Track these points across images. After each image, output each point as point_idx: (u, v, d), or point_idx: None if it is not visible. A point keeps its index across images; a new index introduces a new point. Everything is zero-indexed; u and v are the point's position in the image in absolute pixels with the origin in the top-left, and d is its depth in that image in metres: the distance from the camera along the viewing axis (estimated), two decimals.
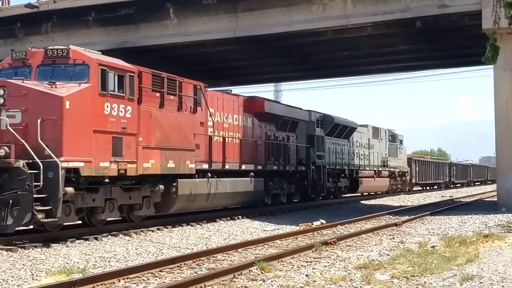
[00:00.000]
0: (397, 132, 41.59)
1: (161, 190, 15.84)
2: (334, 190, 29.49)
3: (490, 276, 8.69)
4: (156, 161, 15.32)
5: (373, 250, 12.09)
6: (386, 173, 37.65)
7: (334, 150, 29.35)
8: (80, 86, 13.21)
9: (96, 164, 13.35)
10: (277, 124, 23.00)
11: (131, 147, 14.43)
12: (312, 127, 26.88)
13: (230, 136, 19.53)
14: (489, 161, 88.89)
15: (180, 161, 16.25)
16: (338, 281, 8.60)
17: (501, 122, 21.52)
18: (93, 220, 14.33)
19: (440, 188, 52.58)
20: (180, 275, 9.44)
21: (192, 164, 16.78)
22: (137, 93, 14.73)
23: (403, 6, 22.58)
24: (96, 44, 25.38)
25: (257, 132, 21.63)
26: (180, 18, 25.04)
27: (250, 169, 20.32)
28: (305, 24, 23.73)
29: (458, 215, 20.28)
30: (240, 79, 36.02)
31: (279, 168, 22.76)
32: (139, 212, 15.54)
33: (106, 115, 13.71)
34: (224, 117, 19.47)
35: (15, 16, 25.97)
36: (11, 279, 9.11)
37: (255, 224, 17.93)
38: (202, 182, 17.49)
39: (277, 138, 23.07)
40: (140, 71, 14.94)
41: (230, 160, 19.23)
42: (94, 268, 10.19)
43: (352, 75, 39.61)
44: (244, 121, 20.68)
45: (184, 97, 16.66)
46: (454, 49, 29.47)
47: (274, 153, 22.51)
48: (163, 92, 15.74)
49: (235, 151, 19.63)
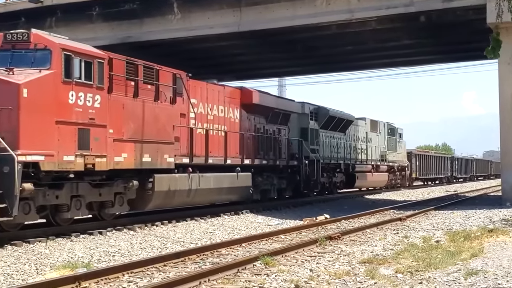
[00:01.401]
0: (396, 126, 40.31)
1: (135, 186, 14.62)
2: (328, 185, 28.28)
3: (495, 271, 8.67)
4: (130, 154, 14.21)
5: (377, 244, 12.09)
6: (385, 167, 36.40)
7: (329, 143, 28.17)
8: (41, 72, 12.11)
9: (59, 158, 12.21)
10: (267, 116, 21.87)
11: (100, 139, 13.27)
12: (305, 120, 25.82)
13: (214, 129, 18.26)
14: (492, 156, 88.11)
15: (157, 155, 15.16)
16: (342, 276, 8.60)
17: (505, 116, 21.48)
18: (58, 219, 13.17)
19: (442, 183, 51.59)
20: (184, 269, 9.46)
21: (170, 158, 15.68)
22: (107, 81, 13.57)
23: (407, 1, 22.54)
24: (100, 39, 25.43)
25: (245, 124, 20.32)
26: (184, 12, 25.04)
27: (236, 163, 19.08)
28: (309, 18, 23.70)
29: (463, 210, 20.25)
30: (244, 74, 36.01)
31: (268, 162, 21.56)
32: (111, 210, 14.39)
33: (71, 105, 12.57)
34: (208, 109, 18.12)
35: (19, 11, 25.99)
36: (16, 274, 9.14)
37: (259, 219, 17.95)
38: (183, 178, 16.27)
39: (267, 131, 21.93)
40: (110, 58, 13.80)
41: (215, 154, 18.04)
42: (98, 263, 10.21)
43: (356, 70, 39.52)
44: (230, 112, 19.35)
45: (162, 87, 15.49)
46: (458, 44, 29.41)
47: (263, 146, 21.38)
48: (137, 81, 14.59)
49: (220, 144, 18.42)
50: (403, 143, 41.68)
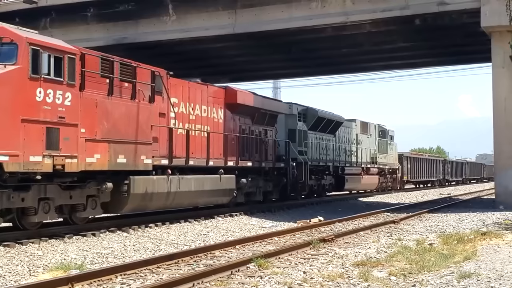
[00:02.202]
0: (387, 128, 39.57)
1: (109, 188, 13.84)
2: (317, 188, 27.54)
3: (488, 273, 8.69)
4: (103, 155, 13.48)
5: (370, 247, 12.10)
6: (375, 170, 35.79)
7: (317, 145, 27.48)
8: (6, 68, 11.54)
9: (24, 159, 11.57)
10: (253, 117, 21.11)
11: (71, 139, 12.57)
12: (293, 121, 25.30)
13: (197, 129, 17.58)
14: (485, 159, 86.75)
15: (134, 156, 14.40)
16: (335, 278, 8.60)
17: (499, 119, 21.55)
18: (25, 223, 12.52)
19: (433, 186, 50.99)
20: (178, 271, 9.45)
21: (148, 160, 14.95)
22: (79, 78, 12.87)
23: (402, 4, 22.61)
24: (95, 40, 25.44)
25: (230, 125, 19.58)
26: (179, 14, 25.05)
27: (219, 165, 18.34)
28: (304, 21, 23.76)
29: (456, 213, 20.29)
30: (239, 76, 36.03)
31: (253, 164, 20.69)
32: (83, 214, 13.64)
33: (39, 102, 11.90)
34: (190, 108, 17.41)
35: (14, 11, 25.89)
36: (8, 275, 9.11)
37: (253, 221, 17.95)
38: (161, 180, 15.52)
39: (253, 132, 21.18)
40: (82, 53, 13.11)
41: (197, 156, 17.35)
42: (91, 264, 10.19)
43: (351, 72, 39.64)
44: (214, 112, 18.65)
45: (139, 85, 14.77)
46: (453, 47, 29.49)
47: (249, 148, 20.63)
48: (112, 78, 13.87)
49: (202, 145, 17.68)
50: (394, 146, 41.02)
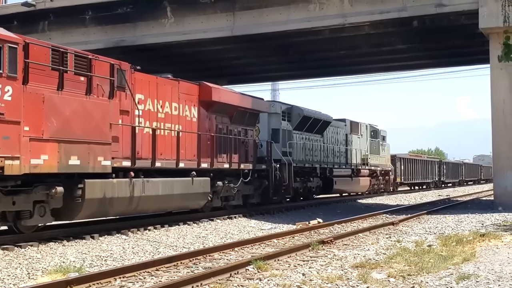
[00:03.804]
0: (379, 128, 37.95)
1: (60, 193, 12.39)
2: (303, 190, 26.13)
3: (487, 275, 8.70)
4: (52, 156, 12.04)
5: (369, 249, 12.10)
6: (366, 172, 34.18)
7: (303, 146, 26.10)
8: None
9: None
10: (231, 115, 19.72)
11: (11, 138, 11.23)
12: (276, 120, 24.09)
13: (167, 128, 16.32)
14: (482, 160, 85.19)
15: (89, 157, 12.91)
16: (334, 280, 8.60)
17: (497, 121, 21.58)
18: None
19: (428, 188, 49.72)
20: (177, 274, 9.44)
21: (106, 161, 13.44)
22: (22, 70, 11.60)
23: (400, 5, 22.65)
24: (93, 42, 25.48)
25: (205, 124, 18.26)
26: (178, 16, 25.08)
27: (192, 167, 17.00)
28: (303, 23, 23.80)
29: (455, 214, 20.31)
30: (237, 78, 36.07)
31: (231, 166, 19.29)
32: (29, 222, 12.30)
33: None
34: (158, 106, 16.11)
35: (12, 14, 25.97)
36: (7, 278, 9.09)
37: (252, 223, 17.95)
38: (122, 183, 14.14)
39: (232, 132, 19.80)
40: (26, 43, 11.88)
41: (166, 157, 16.09)
42: (90, 267, 10.17)
43: (350, 74, 39.65)
44: (186, 110, 17.30)
45: (98, 79, 13.49)
46: (451, 48, 29.54)
47: (226, 149, 19.19)
48: (63, 71, 12.54)
49: (172, 146, 16.36)
50: (387, 146, 39.52)
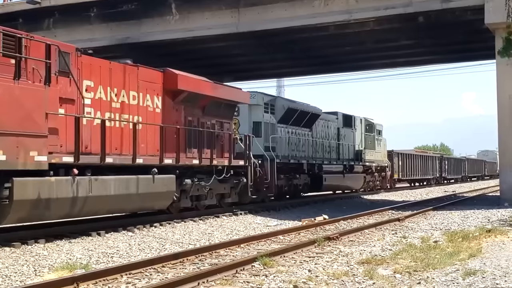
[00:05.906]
0: (375, 121, 35.83)
1: None
2: (288, 188, 24.24)
3: (493, 271, 8.68)
4: None
5: (375, 245, 12.09)
6: (360, 168, 32.31)
7: (288, 140, 24.26)
8: None
9: None
10: (203, 107, 17.93)
11: None
12: (258, 113, 22.33)
13: (122, 120, 14.52)
14: (486, 155, 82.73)
15: (18, 151, 11.21)
16: (340, 276, 8.60)
17: (503, 116, 21.50)
18: None
19: (429, 185, 48.00)
20: (183, 270, 9.46)
21: (41, 157, 11.67)
22: None
23: (405, 1, 22.58)
24: (98, 40, 25.51)
25: (170, 115, 16.41)
26: (182, 13, 25.08)
27: (153, 163, 15.22)
28: (308, 19, 23.75)
29: (461, 210, 20.27)
30: (242, 75, 36.07)
31: (201, 162, 17.24)
32: None
33: None
34: (113, 94, 14.32)
35: (17, 12, 26.04)
36: (14, 275, 9.13)
37: (258, 220, 17.96)
38: (62, 182, 12.29)
39: (204, 124, 17.92)
40: None
41: (123, 152, 14.41)
42: (96, 264, 10.21)
43: (355, 70, 39.52)
44: (148, 100, 15.58)
45: (31, 62, 11.73)
46: (457, 44, 29.45)
47: (197, 143, 17.27)
48: None
49: (129, 139, 14.58)
50: (383, 141, 37.29)
